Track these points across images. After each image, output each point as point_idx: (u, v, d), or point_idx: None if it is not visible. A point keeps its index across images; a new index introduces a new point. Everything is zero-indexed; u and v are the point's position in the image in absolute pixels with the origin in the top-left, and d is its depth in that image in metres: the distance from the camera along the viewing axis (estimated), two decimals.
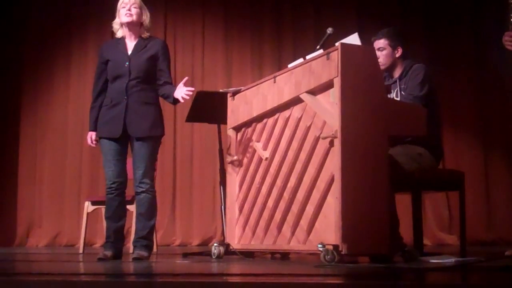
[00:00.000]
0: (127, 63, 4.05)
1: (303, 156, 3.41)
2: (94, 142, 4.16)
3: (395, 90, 3.94)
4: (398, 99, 3.88)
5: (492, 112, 6.92)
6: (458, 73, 6.96)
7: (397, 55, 3.98)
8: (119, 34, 4.17)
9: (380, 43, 3.99)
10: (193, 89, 3.97)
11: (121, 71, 4.05)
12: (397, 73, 3.99)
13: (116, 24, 4.16)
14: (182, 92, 3.95)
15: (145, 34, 4.14)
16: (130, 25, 4.11)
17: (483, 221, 6.69)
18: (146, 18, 4.15)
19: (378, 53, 3.97)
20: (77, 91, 7.33)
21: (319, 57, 3.33)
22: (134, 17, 4.09)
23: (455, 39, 7.01)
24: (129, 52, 4.10)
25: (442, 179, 3.91)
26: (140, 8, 4.14)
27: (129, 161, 4.14)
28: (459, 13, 7.05)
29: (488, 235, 6.62)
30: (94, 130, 4.15)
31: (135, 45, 4.11)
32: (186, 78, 4.00)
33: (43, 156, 7.37)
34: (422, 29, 7.12)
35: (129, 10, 4.08)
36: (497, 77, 6.41)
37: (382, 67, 4.00)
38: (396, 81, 3.95)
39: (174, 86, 4.09)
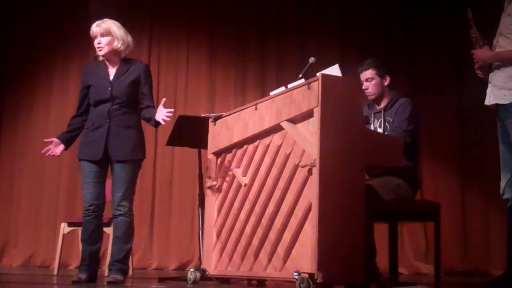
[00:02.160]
0: (109, 89, 4.05)
1: (282, 183, 3.44)
2: (49, 147, 4.12)
3: (379, 120, 3.98)
4: (382, 129, 3.94)
5: (469, 143, 7.03)
6: (437, 104, 7.06)
7: (385, 84, 4.04)
8: (101, 57, 4.17)
9: (368, 73, 4.05)
10: (172, 110, 3.97)
11: (103, 97, 4.04)
12: (383, 103, 4.05)
13: None
14: (162, 114, 3.95)
15: (122, 56, 4.14)
16: (105, 56, 4.11)
17: (459, 252, 6.74)
18: (118, 42, 4.08)
19: (366, 84, 4.04)
20: (58, 111, 7.27)
21: (300, 86, 3.37)
22: (106, 49, 4.06)
23: (435, 69, 7.14)
24: (111, 77, 4.10)
25: (417, 210, 3.95)
26: (110, 33, 4.07)
27: (108, 183, 4.13)
28: (441, 42, 7.18)
29: (464, 265, 6.67)
30: (60, 138, 4.12)
31: (117, 70, 4.11)
32: (164, 100, 4.00)
33: (21, 175, 7.30)
34: (404, 58, 7.24)
35: (99, 42, 4.06)
36: (475, 108, 6.51)
37: (371, 97, 4.07)
38: (381, 112, 4.00)
39: (156, 109, 4.10)
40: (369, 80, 4.04)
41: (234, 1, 7.48)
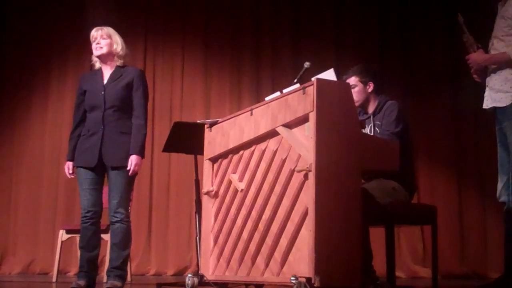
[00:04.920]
0: (102, 92, 4.07)
1: (278, 188, 3.44)
2: (71, 172, 4.15)
3: (369, 126, 4.00)
4: (372, 134, 3.95)
5: (466, 146, 7.05)
6: (434, 108, 7.08)
7: (369, 90, 4.05)
8: (97, 66, 4.20)
9: (351, 80, 4.06)
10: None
11: (97, 101, 4.07)
12: (371, 108, 4.06)
13: (94, 57, 4.19)
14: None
15: (119, 62, 4.17)
16: (102, 58, 4.14)
17: (456, 254, 6.75)
18: (117, 46, 4.15)
19: None
20: (54, 119, 7.30)
21: (296, 91, 3.38)
22: (104, 50, 4.12)
23: (431, 74, 7.16)
24: (105, 81, 4.13)
25: (414, 213, 3.96)
26: (110, 37, 4.15)
27: (105, 190, 4.14)
28: (436, 46, 7.20)
29: (462, 268, 6.67)
30: (72, 160, 4.14)
31: (111, 75, 4.15)
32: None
33: (19, 183, 7.31)
34: (399, 62, 7.26)
35: (98, 43, 4.11)
36: (472, 111, 6.55)
37: (356, 104, 4.08)
38: (370, 117, 4.02)
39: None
40: (353, 87, 4.04)
41: (229, 7, 7.51)
